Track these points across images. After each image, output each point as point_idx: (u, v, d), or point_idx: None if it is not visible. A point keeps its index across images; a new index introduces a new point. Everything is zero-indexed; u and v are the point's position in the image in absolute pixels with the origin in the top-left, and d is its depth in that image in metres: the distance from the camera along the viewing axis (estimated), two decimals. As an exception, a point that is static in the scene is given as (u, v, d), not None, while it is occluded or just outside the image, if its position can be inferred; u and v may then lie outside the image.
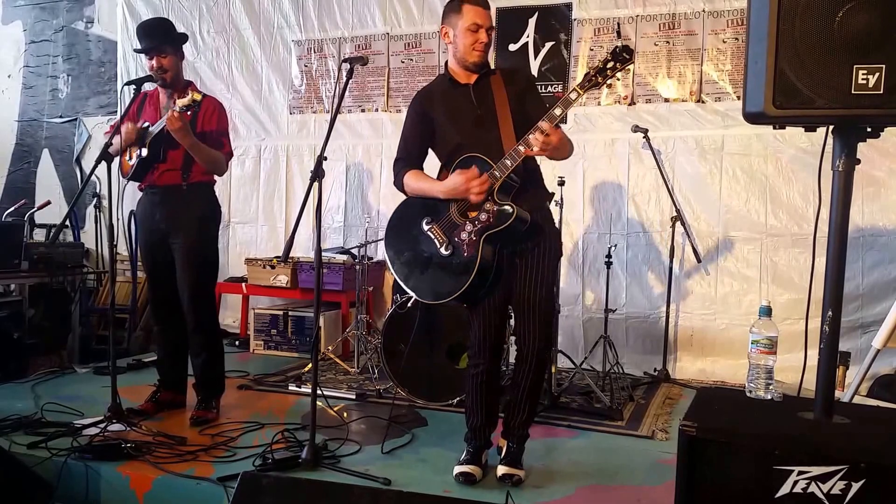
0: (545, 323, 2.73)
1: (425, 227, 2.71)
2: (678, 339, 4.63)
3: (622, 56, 2.47)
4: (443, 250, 2.66)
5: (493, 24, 2.72)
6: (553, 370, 3.73)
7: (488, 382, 2.78)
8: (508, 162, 2.55)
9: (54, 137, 6.54)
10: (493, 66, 2.79)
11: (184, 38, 3.49)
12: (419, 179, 2.75)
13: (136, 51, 3.42)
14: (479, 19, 2.65)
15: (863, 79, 1.71)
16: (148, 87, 3.43)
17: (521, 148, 2.53)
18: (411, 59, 5.27)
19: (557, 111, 2.49)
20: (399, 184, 2.80)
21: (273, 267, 5.14)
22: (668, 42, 4.64)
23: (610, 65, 2.48)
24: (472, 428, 2.82)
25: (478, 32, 2.65)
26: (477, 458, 2.77)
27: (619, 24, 4.64)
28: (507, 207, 2.57)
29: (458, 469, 2.73)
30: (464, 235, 2.63)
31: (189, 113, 3.20)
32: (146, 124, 3.34)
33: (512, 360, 4.00)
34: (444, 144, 2.77)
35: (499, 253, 2.65)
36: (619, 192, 4.76)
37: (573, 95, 2.50)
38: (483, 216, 2.61)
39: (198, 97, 3.11)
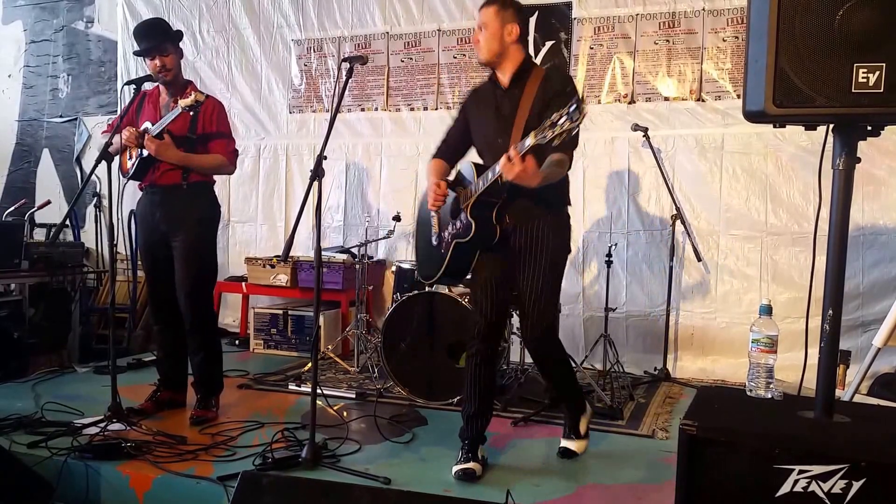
0: (541, 313, 2.72)
1: (432, 212, 2.90)
2: (678, 338, 4.63)
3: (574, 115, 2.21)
4: (433, 239, 2.92)
5: (487, 20, 2.68)
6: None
7: (485, 370, 2.79)
8: (481, 183, 2.62)
9: (54, 137, 6.54)
10: (538, 61, 2.77)
11: (180, 34, 3.49)
12: (429, 171, 2.92)
13: (137, 53, 3.41)
14: (477, 22, 2.75)
15: (863, 77, 1.71)
16: (146, 86, 3.43)
17: (498, 168, 2.50)
18: (411, 59, 5.27)
19: (512, 152, 2.36)
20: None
21: (273, 266, 5.14)
22: (667, 41, 4.64)
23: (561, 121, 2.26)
24: (465, 417, 2.82)
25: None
26: (474, 454, 2.77)
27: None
28: (470, 224, 2.68)
29: (456, 467, 2.73)
30: (445, 234, 2.83)
31: (191, 113, 3.21)
32: (146, 125, 3.34)
33: (513, 358, 4.06)
34: (475, 145, 2.91)
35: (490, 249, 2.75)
36: (620, 191, 4.75)
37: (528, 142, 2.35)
38: (458, 224, 2.76)
39: (201, 98, 3.12)
